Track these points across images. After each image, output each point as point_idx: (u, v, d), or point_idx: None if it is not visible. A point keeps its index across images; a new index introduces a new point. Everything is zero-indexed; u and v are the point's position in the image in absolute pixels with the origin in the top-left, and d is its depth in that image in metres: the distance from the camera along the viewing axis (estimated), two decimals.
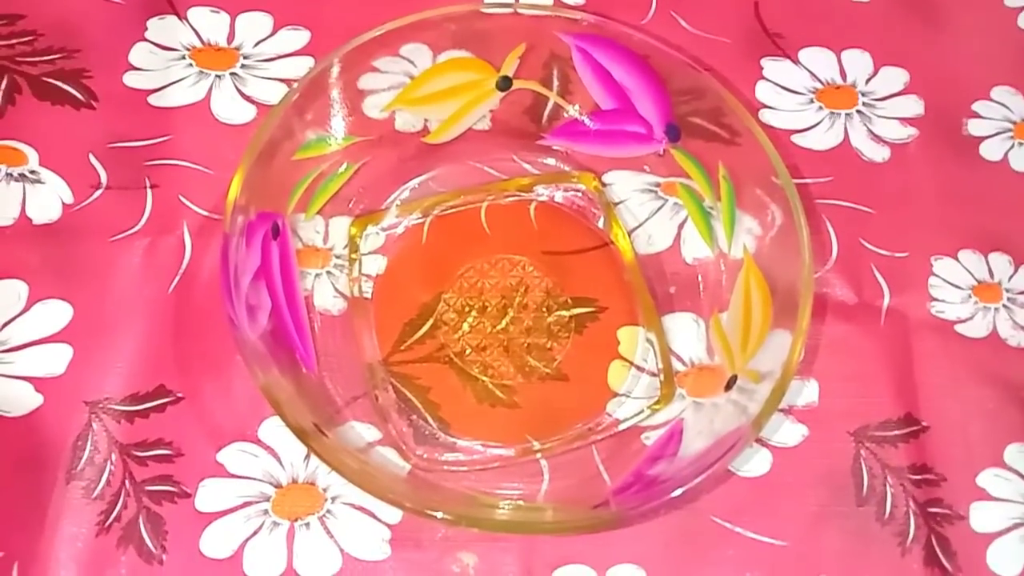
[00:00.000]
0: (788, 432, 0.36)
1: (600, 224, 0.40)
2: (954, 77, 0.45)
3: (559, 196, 0.40)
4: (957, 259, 0.40)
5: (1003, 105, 0.44)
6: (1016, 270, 0.40)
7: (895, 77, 0.45)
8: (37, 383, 0.35)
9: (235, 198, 0.32)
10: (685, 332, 0.37)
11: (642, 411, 0.36)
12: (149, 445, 0.35)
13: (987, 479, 0.35)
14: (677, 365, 0.37)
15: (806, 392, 0.37)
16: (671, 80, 0.37)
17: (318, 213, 0.38)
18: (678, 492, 0.29)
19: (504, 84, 0.38)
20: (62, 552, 0.33)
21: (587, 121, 0.40)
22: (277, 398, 0.30)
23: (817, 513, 0.35)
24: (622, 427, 0.35)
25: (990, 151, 0.43)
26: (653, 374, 0.37)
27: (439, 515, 0.29)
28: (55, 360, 0.36)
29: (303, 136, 0.35)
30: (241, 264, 0.31)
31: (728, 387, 0.34)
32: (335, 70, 0.35)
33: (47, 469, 0.34)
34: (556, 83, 0.39)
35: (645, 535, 0.34)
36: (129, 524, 0.33)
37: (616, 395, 0.36)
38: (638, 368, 0.37)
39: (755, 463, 0.35)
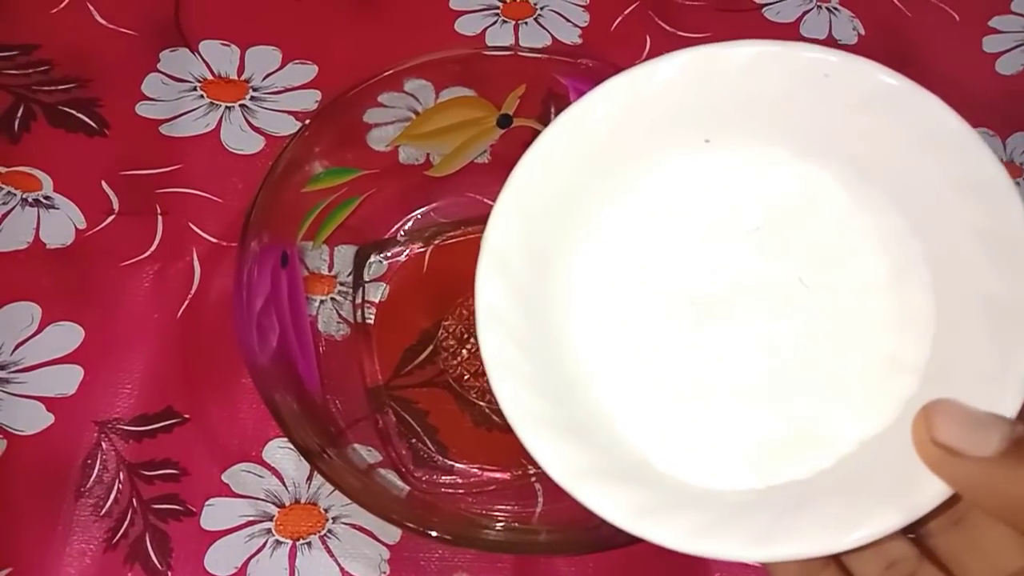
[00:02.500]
0: None
1: None
2: None
3: None
4: None
5: None
6: None
7: None
8: (48, 402, 0.36)
9: (249, 228, 0.33)
10: None
11: None
12: (156, 464, 0.36)
13: None
14: None
15: None
16: None
17: (324, 242, 0.39)
18: None
19: (504, 122, 0.40)
20: (71, 567, 0.34)
21: None
22: (284, 419, 0.31)
23: None
24: None
25: None
26: None
27: (437, 535, 0.30)
28: (66, 380, 0.37)
29: (312, 169, 0.36)
30: (253, 290, 0.32)
31: None
32: (344, 106, 0.37)
33: (57, 486, 0.35)
34: (553, 119, 0.41)
35: (635, 557, 0.35)
36: (136, 541, 0.34)
37: None
38: None
39: None
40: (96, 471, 0.35)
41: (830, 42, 0.49)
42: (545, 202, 0.25)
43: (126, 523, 0.34)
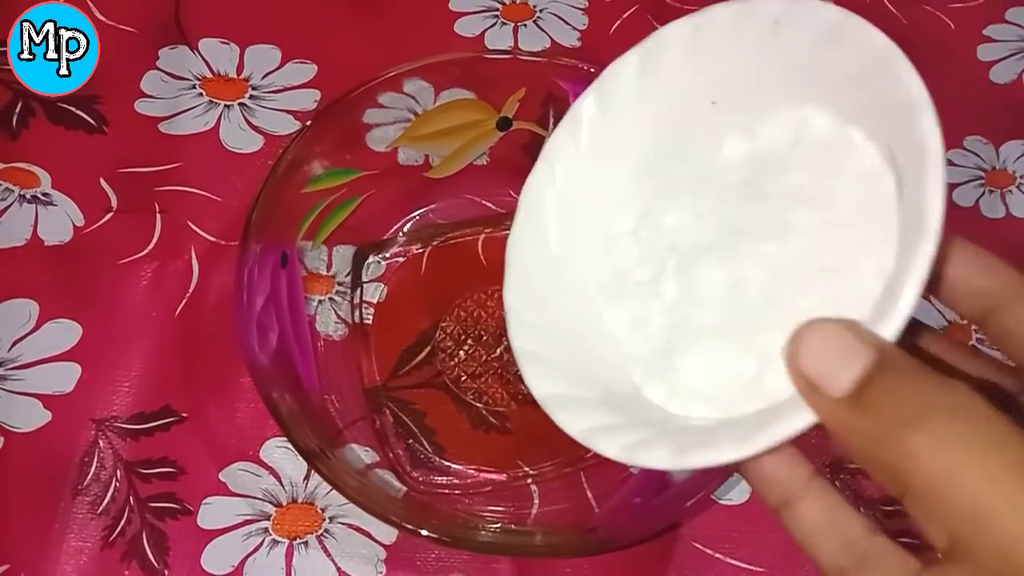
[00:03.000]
0: None
1: None
2: None
3: None
4: (929, 300, 0.42)
5: (975, 154, 0.46)
6: None
7: None
8: (45, 400, 0.36)
9: (251, 229, 0.33)
10: None
11: None
12: (153, 463, 0.36)
13: None
14: None
15: None
16: None
17: (323, 242, 0.39)
18: (663, 521, 0.31)
19: (504, 124, 0.40)
20: (67, 565, 0.34)
21: None
22: (284, 419, 0.31)
23: (794, 541, 0.36)
24: None
25: (962, 198, 0.45)
26: None
27: (434, 536, 0.31)
28: (63, 378, 0.37)
29: (312, 169, 0.37)
30: (254, 290, 0.33)
31: None
32: (344, 107, 0.37)
33: (54, 484, 0.35)
34: (552, 123, 0.41)
35: (630, 559, 0.35)
36: (133, 539, 0.34)
37: None
38: None
39: (735, 491, 0.37)
40: (93, 469, 0.35)
41: None
42: (581, 152, 0.27)
43: (123, 521, 0.35)
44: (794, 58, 0.24)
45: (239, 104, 0.44)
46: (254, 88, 0.45)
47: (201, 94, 0.44)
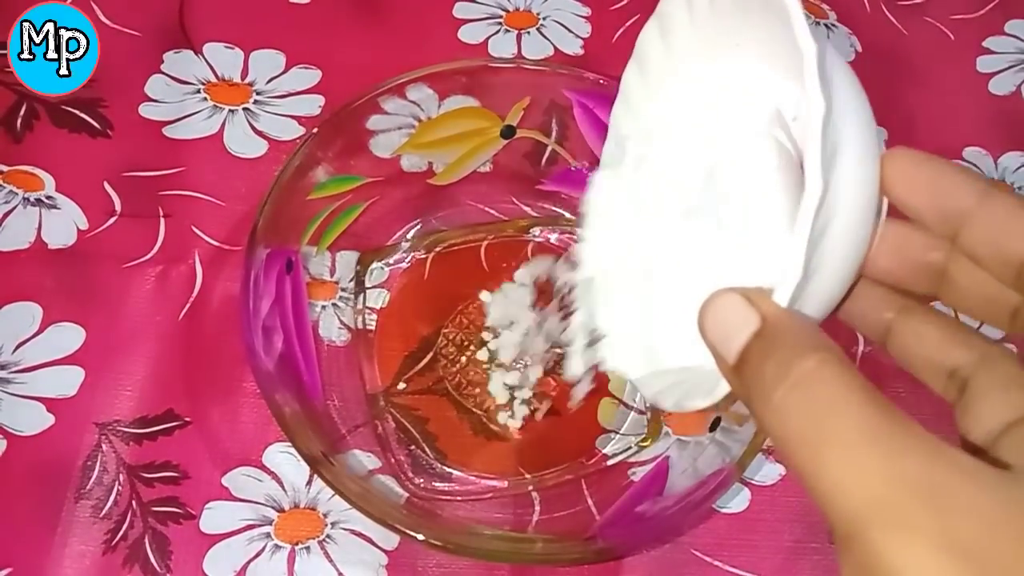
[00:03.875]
0: (767, 471, 0.38)
1: None
2: (929, 137, 0.47)
3: (554, 237, 0.42)
4: None
5: (974, 165, 0.47)
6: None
7: None
8: (49, 404, 0.36)
9: (257, 234, 0.33)
10: None
11: (630, 447, 0.37)
12: (156, 467, 0.36)
13: None
14: None
15: None
16: None
17: (327, 248, 0.39)
18: (663, 530, 0.31)
19: (508, 132, 0.40)
20: (69, 569, 0.34)
21: (585, 171, 0.42)
22: (288, 424, 0.31)
23: (792, 548, 0.36)
24: (610, 462, 0.37)
25: None
26: (641, 412, 0.38)
27: (435, 542, 0.31)
28: (67, 382, 0.37)
29: (318, 176, 0.37)
30: (259, 295, 0.33)
31: (713, 428, 0.36)
32: (350, 114, 0.37)
33: (57, 488, 0.35)
34: (555, 130, 0.41)
35: (630, 567, 0.35)
36: (135, 543, 0.34)
37: (605, 431, 0.38)
38: (626, 405, 0.39)
39: (735, 500, 0.37)
40: (96, 473, 0.35)
41: None
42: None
43: (125, 525, 0.35)
44: (758, 29, 0.23)
45: (243, 109, 0.44)
46: (258, 93, 0.45)
47: (205, 99, 0.44)
